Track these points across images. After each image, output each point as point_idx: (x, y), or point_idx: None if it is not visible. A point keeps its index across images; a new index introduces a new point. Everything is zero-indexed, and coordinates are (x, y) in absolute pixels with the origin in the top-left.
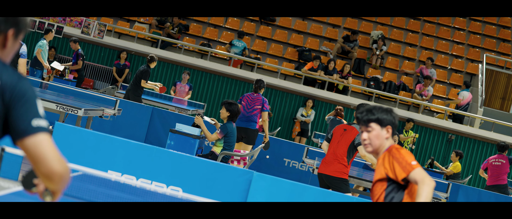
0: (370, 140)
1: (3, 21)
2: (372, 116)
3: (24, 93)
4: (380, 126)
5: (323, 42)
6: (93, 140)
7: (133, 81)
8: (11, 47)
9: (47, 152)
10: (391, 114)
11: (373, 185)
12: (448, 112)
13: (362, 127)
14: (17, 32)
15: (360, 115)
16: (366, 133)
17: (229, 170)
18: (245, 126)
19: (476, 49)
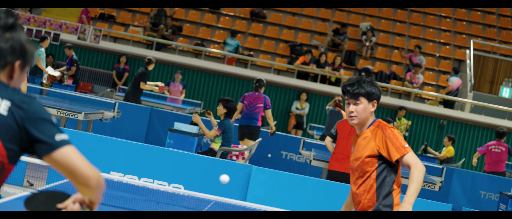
0: (357, 112)
1: (9, 53)
2: (362, 90)
3: (40, 113)
4: (368, 100)
5: (313, 36)
6: (94, 143)
7: (132, 84)
8: (18, 78)
9: (78, 162)
10: (378, 88)
11: (360, 161)
12: (438, 98)
13: (350, 100)
14: (23, 64)
15: (350, 88)
16: (354, 106)
17: (229, 166)
18: (246, 123)
19: (462, 35)
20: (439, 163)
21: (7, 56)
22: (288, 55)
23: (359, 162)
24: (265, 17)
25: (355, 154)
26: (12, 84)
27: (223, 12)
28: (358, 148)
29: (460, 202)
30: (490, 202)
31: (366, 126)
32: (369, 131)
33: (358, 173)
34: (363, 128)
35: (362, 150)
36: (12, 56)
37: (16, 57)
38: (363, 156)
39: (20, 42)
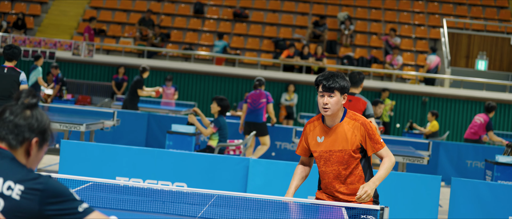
0: (331, 105)
1: (27, 129)
2: (337, 84)
3: (57, 191)
4: (340, 93)
5: (295, 30)
6: (98, 151)
7: (129, 92)
8: (35, 156)
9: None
10: (348, 82)
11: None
12: (418, 77)
13: (325, 93)
14: (41, 141)
15: (326, 82)
16: (328, 98)
17: (227, 160)
18: (253, 120)
19: (435, 15)
20: (425, 138)
21: (25, 132)
22: (272, 51)
23: (342, 154)
24: (247, 17)
25: (333, 146)
26: (28, 163)
27: (207, 16)
28: (337, 140)
29: (449, 173)
30: (477, 170)
31: (339, 118)
32: (346, 124)
33: (342, 165)
34: (336, 120)
35: (344, 143)
36: (30, 133)
37: (34, 134)
38: (348, 149)
39: (40, 120)
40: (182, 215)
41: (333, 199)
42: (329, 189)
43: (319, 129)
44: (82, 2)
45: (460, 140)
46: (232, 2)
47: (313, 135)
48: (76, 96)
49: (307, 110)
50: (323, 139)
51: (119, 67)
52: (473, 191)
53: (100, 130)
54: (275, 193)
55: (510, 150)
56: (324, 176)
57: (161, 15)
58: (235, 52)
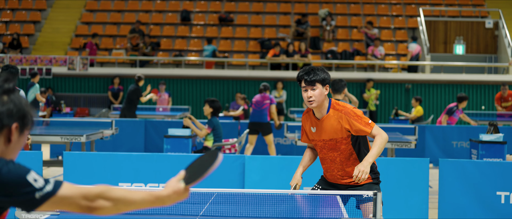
0: (315, 97)
1: (6, 115)
2: (317, 77)
3: (7, 180)
4: (322, 85)
5: (279, 29)
6: (99, 160)
7: (127, 101)
8: (16, 142)
9: (72, 197)
10: (328, 74)
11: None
12: (400, 65)
13: (307, 87)
14: (22, 126)
15: (307, 77)
16: (311, 91)
17: (224, 159)
18: (258, 120)
19: (412, 5)
20: (411, 123)
21: (3, 119)
22: (259, 51)
23: (333, 142)
24: (232, 21)
25: (324, 136)
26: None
27: (194, 22)
28: (326, 131)
29: (436, 155)
30: (463, 150)
31: (325, 108)
32: (332, 115)
33: (336, 152)
34: (323, 111)
35: (332, 133)
36: (9, 118)
37: (13, 120)
38: (337, 137)
39: (18, 105)
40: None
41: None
42: (329, 172)
43: (311, 121)
44: (74, 19)
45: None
46: (217, 7)
47: (308, 125)
48: (75, 109)
49: (296, 105)
50: (315, 130)
51: (114, 78)
52: (461, 170)
53: (100, 140)
54: (271, 187)
55: (493, 128)
56: (323, 161)
57: (150, 25)
58: (223, 55)
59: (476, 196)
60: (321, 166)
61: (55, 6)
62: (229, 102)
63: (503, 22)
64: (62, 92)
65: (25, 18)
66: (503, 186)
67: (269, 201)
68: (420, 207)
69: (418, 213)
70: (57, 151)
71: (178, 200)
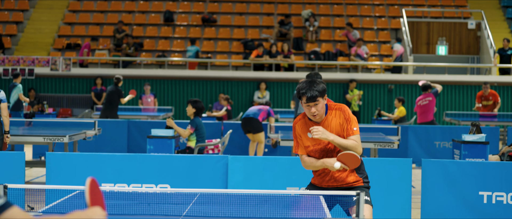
0: (318, 111)
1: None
2: (317, 93)
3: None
4: (322, 97)
5: (262, 30)
6: (82, 160)
7: (107, 102)
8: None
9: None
10: (324, 83)
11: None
12: (383, 66)
13: (310, 103)
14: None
15: (308, 94)
16: (314, 107)
17: (207, 159)
18: (248, 116)
19: (395, 6)
20: (394, 124)
21: None
22: (242, 52)
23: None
24: (216, 21)
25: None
26: None
27: (177, 23)
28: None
29: (419, 155)
30: (445, 150)
31: (324, 112)
32: (331, 115)
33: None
34: (323, 116)
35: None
36: None
37: None
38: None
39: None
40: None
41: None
42: (328, 175)
43: (307, 126)
44: (56, 19)
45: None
46: (200, 8)
47: (304, 132)
48: (57, 110)
49: (279, 106)
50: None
51: (97, 79)
52: (443, 170)
53: (83, 140)
54: (255, 187)
55: (475, 128)
56: None
57: (133, 26)
58: (207, 56)
59: (458, 196)
60: (313, 173)
61: (38, 6)
62: (212, 103)
63: (485, 23)
64: (44, 93)
65: (8, 18)
66: (485, 186)
67: (252, 201)
68: (403, 207)
69: (401, 213)
70: (39, 152)
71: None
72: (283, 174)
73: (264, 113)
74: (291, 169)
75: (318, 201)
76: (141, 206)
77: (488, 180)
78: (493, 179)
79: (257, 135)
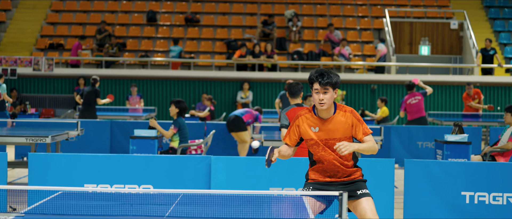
0: (326, 100)
1: None
2: (331, 80)
3: None
4: (333, 88)
5: (245, 30)
6: (65, 161)
7: (86, 102)
8: None
9: None
10: (339, 77)
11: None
12: (366, 66)
13: (320, 89)
14: None
15: (321, 79)
16: (323, 94)
17: (190, 160)
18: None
19: (377, 6)
20: (377, 124)
21: None
22: (225, 52)
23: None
24: (199, 21)
25: (331, 135)
26: None
27: (160, 23)
28: (332, 130)
29: (401, 155)
30: (428, 150)
31: (332, 109)
32: (339, 115)
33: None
34: (330, 112)
35: (340, 132)
36: None
37: None
38: (344, 137)
39: None
40: (150, 216)
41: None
42: (328, 171)
43: (312, 121)
44: (39, 19)
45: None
46: (183, 8)
47: (306, 125)
48: (40, 110)
49: (262, 106)
50: (318, 130)
51: (79, 79)
52: (426, 171)
53: (65, 141)
54: (238, 187)
55: (458, 129)
56: (323, 160)
57: (116, 26)
58: (190, 56)
59: (441, 196)
60: (312, 166)
61: (20, 6)
62: (195, 103)
63: (468, 23)
64: (27, 93)
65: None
66: (467, 186)
67: (235, 202)
68: (386, 207)
69: (384, 213)
70: (22, 152)
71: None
72: (266, 175)
73: (250, 115)
74: (274, 170)
75: (301, 201)
76: (124, 207)
77: (470, 180)
78: (476, 179)
79: (239, 134)
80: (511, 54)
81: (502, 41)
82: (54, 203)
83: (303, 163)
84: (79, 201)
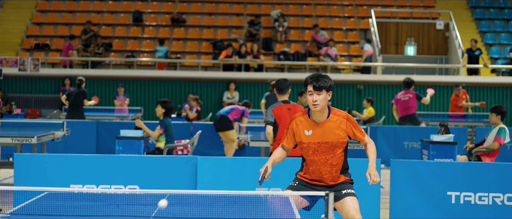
0: (319, 101)
1: None
2: (325, 84)
3: None
4: (327, 91)
5: (231, 30)
6: (51, 162)
7: (73, 103)
8: None
9: None
10: (332, 82)
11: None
12: (352, 66)
13: (314, 91)
14: None
15: (315, 83)
16: (317, 96)
17: (176, 160)
18: (218, 117)
19: (363, 7)
20: (363, 124)
21: None
22: (211, 52)
23: (329, 145)
24: (185, 21)
25: (322, 139)
26: None
27: (146, 23)
28: (325, 134)
29: (387, 155)
30: (414, 150)
31: (326, 113)
32: (332, 120)
33: (329, 154)
34: (324, 115)
35: (332, 136)
36: None
37: None
38: (336, 141)
39: None
40: (136, 216)
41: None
42: (316, 174)
43: (306, 124)
44: (25, 19)
45: (396, 124)
46: (169, 8)
47: (300, 128)
48: (26, 110)
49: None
50: (311, 133)
51: (65, 79)
52: (412, 171)
53: (51, 141)
54: (224, 188)
55: (443, 129)
56: (312, 163)
57: (101, 26)
58: (176, 56)
59: (427, 196)
60: (304, 169)
61: (6, 6)
62: (181, 103)
63: (453, 24)
64: (13, 93)
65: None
66: (453, 186)
67: (221, 202)
68: (372, 207)
69: (370, 213)
70: (7, 153)
71: None
72: (252, 175)
73: (236, 112)
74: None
75: (287, 202)
76: (110, 208)
77: (456, 180)
78: (461, 179)
79: (226, 133)
80: (497, 55)
81: (488, 41)
82: (40, 204)
83: (289, 164)
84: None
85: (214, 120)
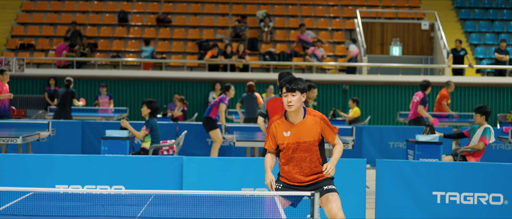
0: (293, 102)
1: None
2: (298, 86)
3: None
4: (300, 93)
5: (217, 31)
6: (36, 162)
7: (62, 103)
8: None
9: None
10: (306, 84)
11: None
12: (337, 66)
13: (288, 93)
14: None
15: (289, 85)
16: (291, 97)
17: (162, 160)
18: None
19: (349, 7)
20: (348, 124)
21: None
22: (197, 52)
23: (307, 144)
24: (170, 22)
25: (300, 138)
26: None
27: (131, 23)
28: (302, 134)
29: (373, 155)
30: (399, 150)
31: (301, 114)
32: (308, 120)
33: (307, 152)
34: (299, 116)
35: (309, 136)
36: None
37: None
38: (312, 140)
39: None
40: (122, 216)
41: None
42: (296, 170)
43: (284, 126)
44: (9, 19)
45: (381, 124)
46: (154, 8)
47: (279, 131)
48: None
49: (234, 106)
50: (289, 134)
51: (50, 79)
52: (397, 171)
53: (36, 141)
54: (210, 188)
55: (429, 129)
56: (290, 161)
57: (87, 26)
58: (161, 56)
59: (412, 196)
60: (283, 167)
61: None
62: (167, 103)
63: (438, 24)
64: None
65: None
66: (438, 186)
67: (207, 202)
68: (357, 207)
69: (355, 213)
70: None
71: None
72: (238, 175)
73: (215, 107)
74: (246, 170)
75: (273, 202)
76: (95, 208)
77: (441, 180)
78: (447, 179)
79: (210, 133)
80: (482, 55)
81: (473, 41)
82: (25, 204)
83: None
84: (50, 202)
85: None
